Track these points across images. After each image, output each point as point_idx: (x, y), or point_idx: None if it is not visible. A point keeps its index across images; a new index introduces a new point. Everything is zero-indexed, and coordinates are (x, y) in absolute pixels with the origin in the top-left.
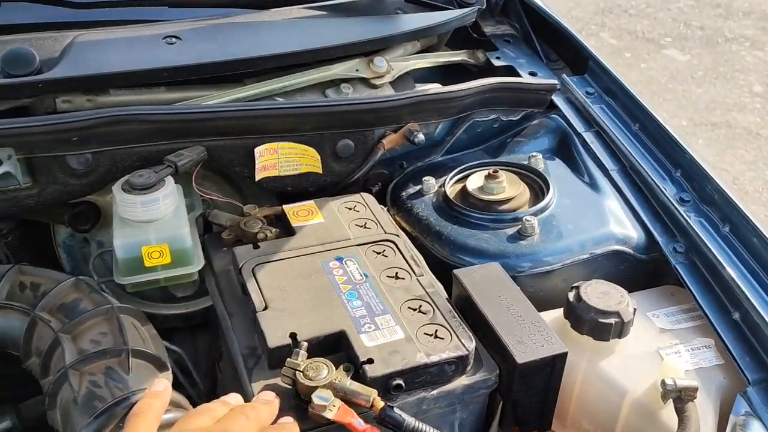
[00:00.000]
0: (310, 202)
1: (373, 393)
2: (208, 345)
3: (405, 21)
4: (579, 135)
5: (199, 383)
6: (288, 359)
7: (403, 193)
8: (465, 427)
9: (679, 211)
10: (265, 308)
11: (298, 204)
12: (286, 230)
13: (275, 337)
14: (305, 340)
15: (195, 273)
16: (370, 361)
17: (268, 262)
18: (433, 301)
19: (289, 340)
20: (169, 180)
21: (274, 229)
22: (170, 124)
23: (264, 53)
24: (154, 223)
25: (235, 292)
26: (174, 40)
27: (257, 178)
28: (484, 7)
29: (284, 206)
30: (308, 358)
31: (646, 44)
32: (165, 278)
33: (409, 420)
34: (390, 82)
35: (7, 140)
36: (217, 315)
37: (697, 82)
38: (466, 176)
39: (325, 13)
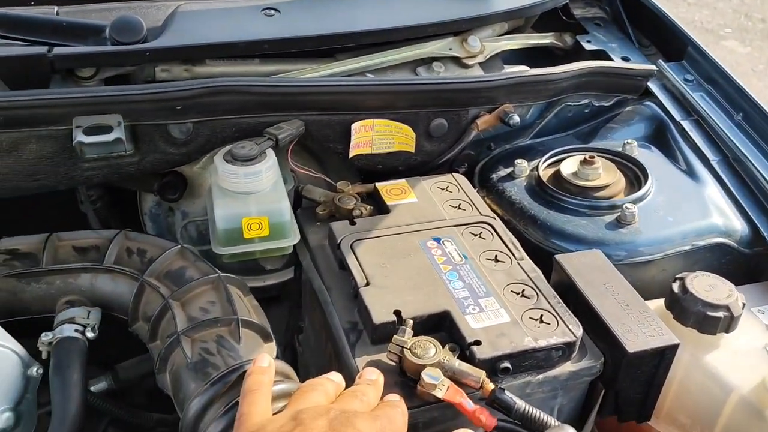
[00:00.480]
0: (402, 181)
1: (482, 374)
2: (288, 318)
3: (498, 1)
4: (677, 123)
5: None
6: (394, 336)
7: (493, 176)
8: (563, 413)
9: None
10: (367, 284)
11: (390, 182)
12: (380, 208)
13: (380, 314)
14: (410, 318)
15: (290, 246)
16: (477, 342)
17: (366, 238)
18: (536, 285)
19: (393, 317)
20: (270, 153)
21: (368, 207)
22: (271, 96)
23: (360, 29)
24: (254, 195)
25: (332, 266)
26: (272, 12)
27: (351, 154)
28: None
29: (377, 184)
30: (413, 336)
31: (705, 35)
32: (262, 250)
33: (520, 403)
34: (480, 63)
35: (116, 107)
36: (297, 289)
37: (758, 76)
38: (560, 160)
39: None
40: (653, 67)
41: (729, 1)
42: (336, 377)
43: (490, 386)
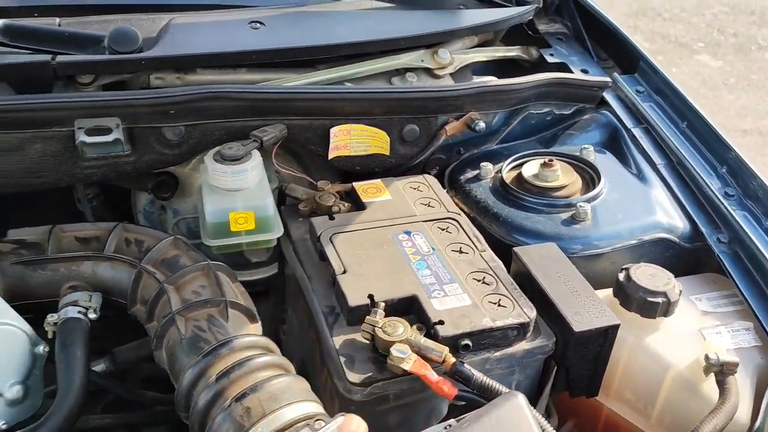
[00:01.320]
0: (377, 181)
1: (445, 350)
2: (272, 310)
3: (468, 16)
4: (628, 130)
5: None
6: (367, 317)
7: (461, 177)
8: (521, 389)
9: (723, 205)
10: (344, 272)
11: (366, 182)
12: (357, 205)
13: (355, 298)
14: (382, 302)
15: (274, 239)
16: (440, 322)
17: (344, 232)
18: (495, 273)
19: (367, 301)
20: (256, 153)
21: (346, 204)
22: (257, 102)
23: (338, 41)
24: (241, 191)
25: (312, 258)
26: (258, 25)
27: (330, 156)
28: (540, 6)
29: (354, 183)
30: (385, 317)
31: (678, 49)
32: (248, 243)
33: (478, 375)
34: (450, 74)
35: (114, 110)
36: (282, 281)
37: (729, 89)
38: (522, 164)
39: (393, 5)
40: (608, 79)
41: (702, 17)
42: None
43: (452, 360)
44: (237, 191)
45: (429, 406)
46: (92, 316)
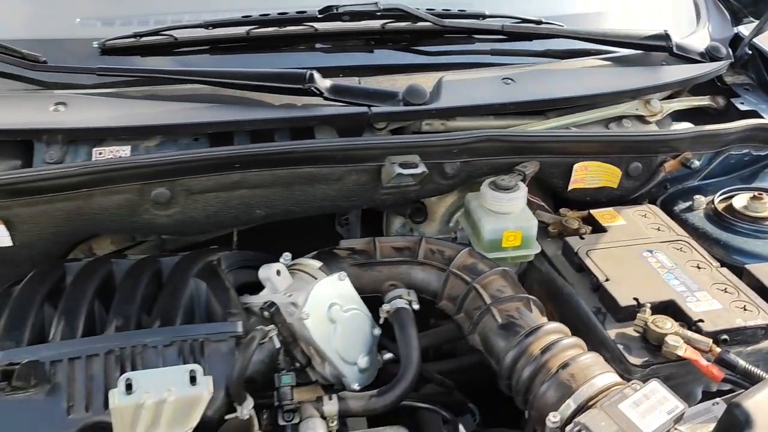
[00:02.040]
0: (610, 209)
1: (710, 341)
2: None
3: (672, 72)
4: None
5: None
6: (638, 314)
7: (675, 208)
8: None
9: None
10: (607, 280)
11: (601, 210)
12: (597, 229)
13: (624, 299)
14: (647, 303)
15: (533, 255)
16: (701, 320)
17: (596, 249)
18: (734, 284)
19: (634, 302)
20: (521, 184)
21: (588, 227)
22: (518, 144)
23: (572, 95)
24: (511, 214)
25: (568, 270)
26: (509, 81)
27: (569, 188)
28: (733, 61)
29: (591, 211)
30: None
31: None
32: (512, 257)
33: (741, 362)
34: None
35: (415, 150)
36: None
37: None
38: (731, 197)
39: (610, 63)
40: None
41: None
42: None
43: (718, 349)
44: (508, 214)
45: (687, 390)
46: (415, 306)
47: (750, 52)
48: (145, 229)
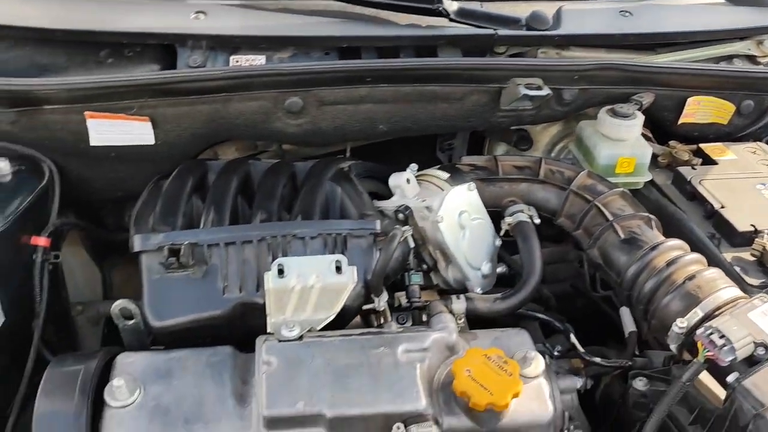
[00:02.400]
0: (719, 144)
1: None
2: None
3: None
4: None
5: None
6: (756, 239)
7: None
8: None
9: None
10: (722, 207)
11: (711, 144)
12: (706, 161)
13: (741, 225)
14: (764, 229)
15: (642, 183)
16: None
17: (708, 179)
18: None
19: (751, 228)
20: (639, 113)
21: (699, 159)
22: (636, 74)
23: (692, 29)
24: (627, 141)
25: (680, 199)
26: (627, 14)
27: (680, 122)
28: None
29: (700, 144)
30: None
31: None
32: (624, 182)
33: None
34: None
35: (538, 73)
36: None
37: None
38: None
39: (725, 2)
40: None
41: None
42: None
43: None
44: (624, 141)
45: None
46: (536, 221)
47: None
48: (276, 137)
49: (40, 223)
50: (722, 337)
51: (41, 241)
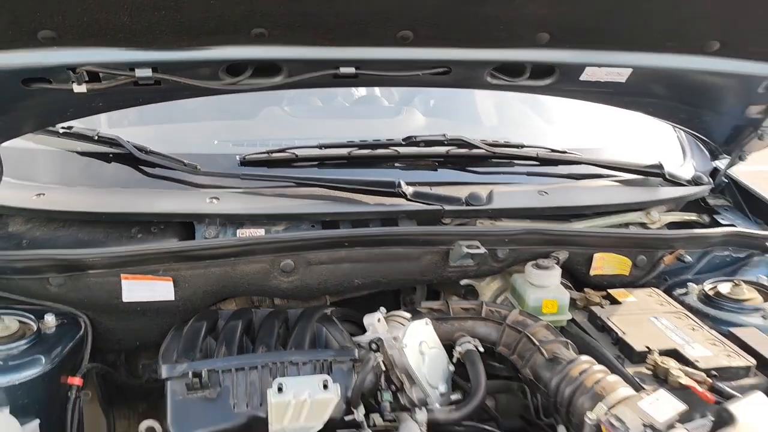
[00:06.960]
0: (623, 290)
1: (704, 374)
2: None
3: (666, 191)
4: None
5: None
6: (648, 356)
7: (674, 293)
8: None
9: None
10: (624, 333)
11: (617, 290)
12: (613, 302)
13: (638, 346)
14: (656, 349)
15: (565, 321)
16: (696, 361)
17: (614, 315)
18: (722, 341)
19: (645, 348)
20: (556, 266)
21: (607, 301)
22: (555, 237)
23: (596, 203)
24: (549, 287)
25: (593, 331)
26: (544, 193)
27: (591, 273)
28: (713, 186)
29: (609, 290)
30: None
31: None
32: (551, 320)
33: (728, 389)
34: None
35: (478, 237)
36: None
37: None
38: (716, 285)
39: (619, 184)
40: None
41: None
42: None
43: (710, 381)
44: (547, 287)
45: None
46: (480, 350)
47: (726, 180)
48: (271, 292)
49: (74, 366)
50: (619, 421)
51: (76, 380)
